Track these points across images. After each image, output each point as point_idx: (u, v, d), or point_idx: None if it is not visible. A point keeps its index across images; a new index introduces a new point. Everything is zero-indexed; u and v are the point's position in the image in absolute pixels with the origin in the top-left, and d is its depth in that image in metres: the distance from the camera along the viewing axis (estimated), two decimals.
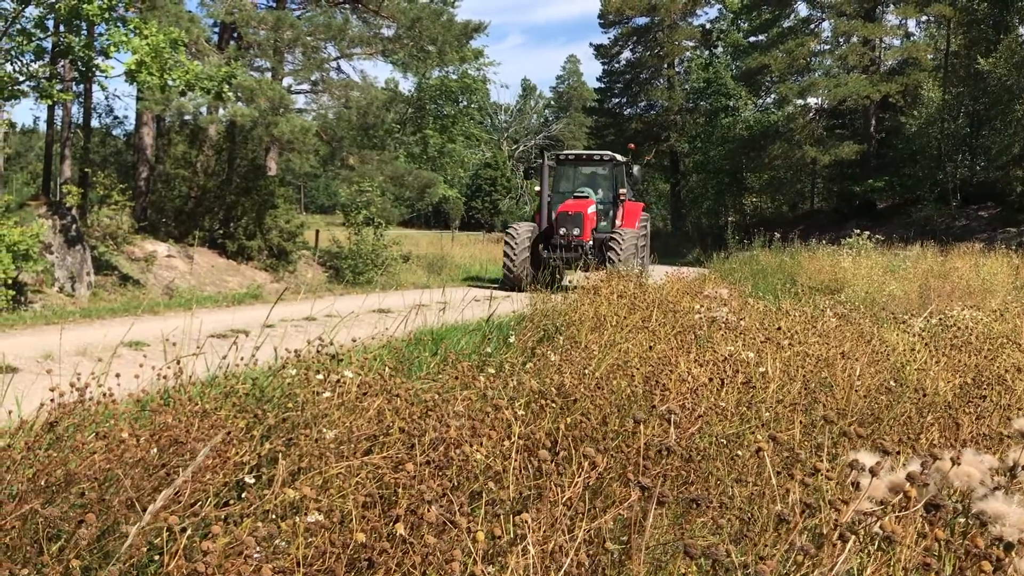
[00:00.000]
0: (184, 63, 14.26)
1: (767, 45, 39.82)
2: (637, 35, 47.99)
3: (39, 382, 4.47)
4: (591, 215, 19.65)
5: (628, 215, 20.99)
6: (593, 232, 19.56)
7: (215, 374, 4.40)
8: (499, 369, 4.56)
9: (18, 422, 3.10)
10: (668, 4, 45.00)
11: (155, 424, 3.08)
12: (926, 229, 29.89)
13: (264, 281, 18.94)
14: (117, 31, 13.85)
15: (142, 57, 13.48)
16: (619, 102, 50.76)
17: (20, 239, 11.83)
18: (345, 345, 4.97)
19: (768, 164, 40.36)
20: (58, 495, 2.66)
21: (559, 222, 19.59)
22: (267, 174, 22.10)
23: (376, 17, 23.15)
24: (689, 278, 12.46)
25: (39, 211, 14.27)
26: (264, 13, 20.94)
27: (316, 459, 3.17)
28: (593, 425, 3.25)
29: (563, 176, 22.21)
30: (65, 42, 14.38)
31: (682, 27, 46.60)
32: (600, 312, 6.43)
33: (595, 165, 21.94)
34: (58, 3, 13.61)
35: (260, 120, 18.54)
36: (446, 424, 3.20)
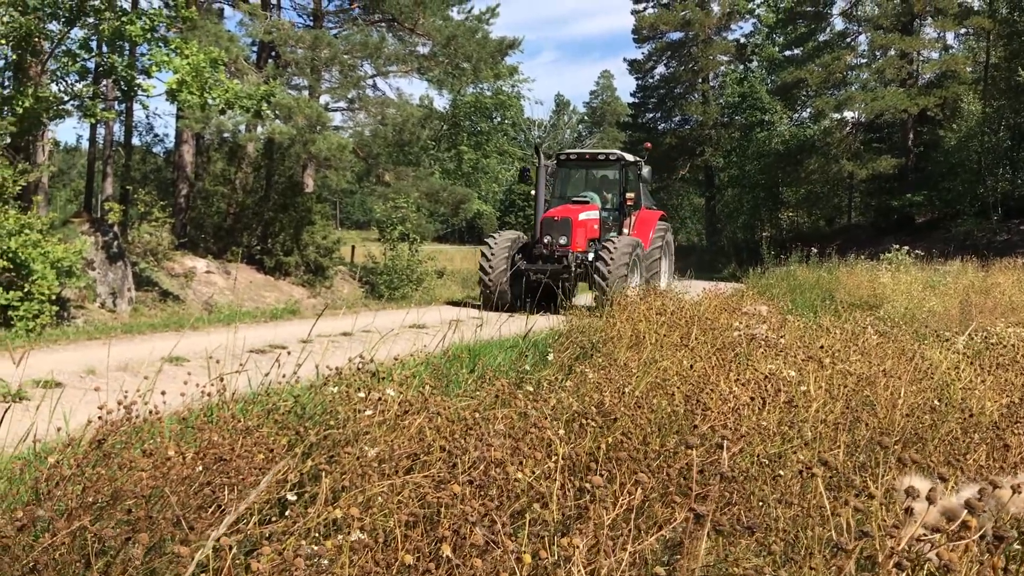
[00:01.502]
0: (224, 82, 14.48)
1: (803, 59, 39.58)
2: (671, 50, 47.91)
3: (84, 397, 4.54)
4: (584, 222, 17.10)
5: (641, 224, 18.56)
6: (591, 243, 17.04)
7: (257, 391, 4.44)
8: (537, 387, 4.56)
9: (66, 439, 3.14)
10: (702, 19, 44.91)
11: (200, 441, 3.12)
12: (966, 244, 29.44)
13: (301, 296, 19.10)
14: (159, 51, 14.11)
15: (183, 76, 13.71)
16: (653, 117, 50.66)
17: (64, 256, 12.03)
18: (384, 362, 4.99)
19: (804, 178, 40.04)
20: (106, 512, 2.70)
21: (543, 229, 16.93)
22: (304, 191, 22.35)
23: (412, 35, 23.35)
24: (726, 294, 12.36)
25: (82, 228, 14.52)
26: (302, 32, 21.21)
27: (358, 477, 3.18)
28: (634, 445, 3.23)
29: (565, 179, 19.62)
30: (108, 62, 14.67)
31: (716, 42, 46.45)
32: (638, 329, 6.40)
33: (601, 166, 19.44)
34: (102, 24, 13.90)
35: (298, 138, 18.77)
36: (487, 443, 3.20)
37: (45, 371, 7.68)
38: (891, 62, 36.35)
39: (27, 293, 11.48)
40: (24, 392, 7.01)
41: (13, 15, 12.58)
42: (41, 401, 3.59)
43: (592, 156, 19.39)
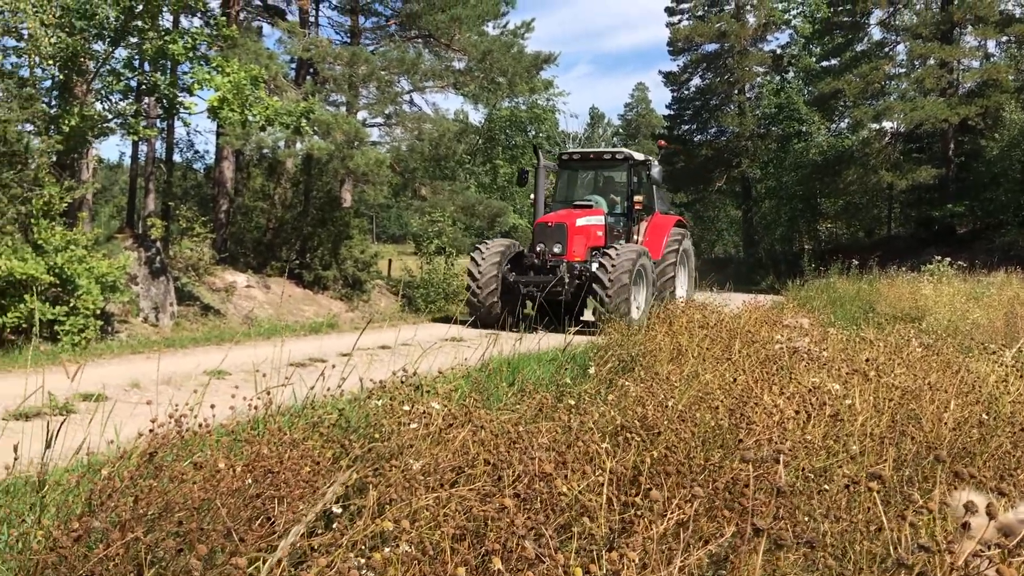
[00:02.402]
0: (264, 99, 14.69)
1: (840, 69, 39.23)
2: (707, 62, 47.73)
3: (130, 411, 4.61)
4: (583, 228, 15.44)
5: (653, 231, 16.87)
6: (593, 252, 15.43)
7: (301, 404, 4.48)
8: (578, 400, 4.56)
9: (118, 451, 3.20)
10: (738, 30, 44.71)
11: (248, 454, 3.16)
12: (1010, 254, 28.94)
13: (339, 310, 19.25)
14: (200, 69, 14.37)
15: (224, 94, 13.93)
16: (689, 129, 50.45)
17: (108, 271, 12.24)
18: (425, 375, 5.02)
19: (843, 189, 39.63)
20: (157, 524, 2.74)
21: (535, 236, 15.43)
22: (342, 205, 22.56)
23: (448, 51, 23.52)
24: (765, 306, 12.27)
25: (125, 243, 14.77)
26: (340, 49, 21.45)
27: (403, 490, 3.20)
28: (679, 459, 3.21)
29: (569, 181, 17.94)
30: (151, 81, 14.96)
31: (752, 53, 46.20)
32: (678, 342, 6.37)
33: (607, 167, 17.61)
34: (145, 44, 14.18)
35: (336, 153, 18.96)
36: (530, 456, 3.21)
37: (91, 385, 7.82)
38: (931, 71, 35.91)
39: (73, 308, 11.68)
40: (72, 405, 7.14)
41: (61, 36, 12.86)
42: (93, 415, 3.65)
43: (597, 156, 17.63)
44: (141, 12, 13.77)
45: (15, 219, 12.01)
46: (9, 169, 12.21)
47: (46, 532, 2.59)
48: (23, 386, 7.47)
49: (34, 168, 12.45)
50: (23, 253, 11.44)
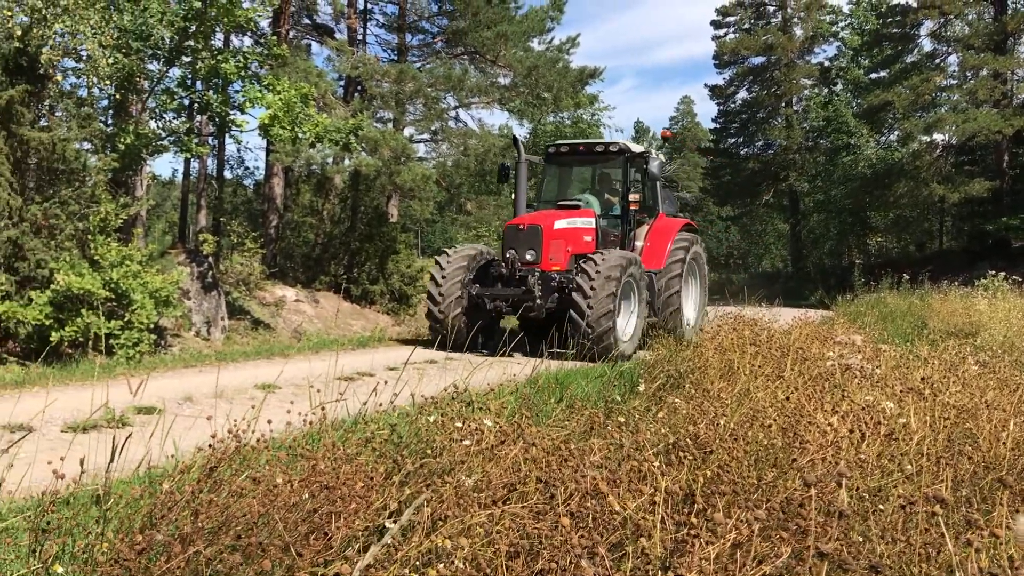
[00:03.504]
0: (313, 116, 14.93)
1: (890, 81, 38.73)
2: (753, 75, 47.44)
3: (184, 423, 4.70)
4: (562, 232, 13.13)
5: (656, 236, 14.42)
6: (575, 260, 12.99)
7: (353, 418, 4.54)
8: (628, 417, 4.55)
9: (177, 464, 3.27)
10: (785, 43, 44.39)
11: (304, 469, 3.20)
12: None
13: (386, 324, 19.42)
14: (252, 88, 14.65)
15: (275, 112, 14.18)
16: (735, 142, 50.14)
17: (162, 286, 12.47)
18: (474, 390, 5.05)
19: (893, 203, 39.03)
20: (218, 537, 2.79)
21: (505, 241, 13.27)
22: (389, 220, 22.79)
23: (493, 67, 23.70)
24: (815, 322, 12.12)
25: (178, 259, 15.06)
26: (387, 67, 21.72)
27: (455, 506, 3.23)
28: (733, 478, 3.20)
29: (558, 178, 15.68)
30: (204, 99, 15.27)
31: (800, 65, 45.81)
32: (727, 359, 6.33)
33: (600, 161, 15.13)
34: (198, 63, 14.49)
35: (383, 169, 19.18)
36: (583, 473, 3.22)
37: (145, 398, 7.96)
38: (984, 83, 35.29)
39: (128, 322, 11.92)
40: (127, 418, 7.29)
41: (118, 57, 13.19)
42: (154, 430, 3.74)
43: (588, 148, 15.01)
44: (195, 32, 14.10)
45: (73, 235, 12.30)
46: (67, 186, 12.53)
47: (110, 544, 2.65)
48: (81, 399, 7.64)
49: (91, 185, 12.75)
50: (80, 268, 11.71)
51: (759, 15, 47.07)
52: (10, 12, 11.94)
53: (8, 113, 11.80)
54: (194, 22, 13.98)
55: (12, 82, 12.02)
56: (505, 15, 23.63)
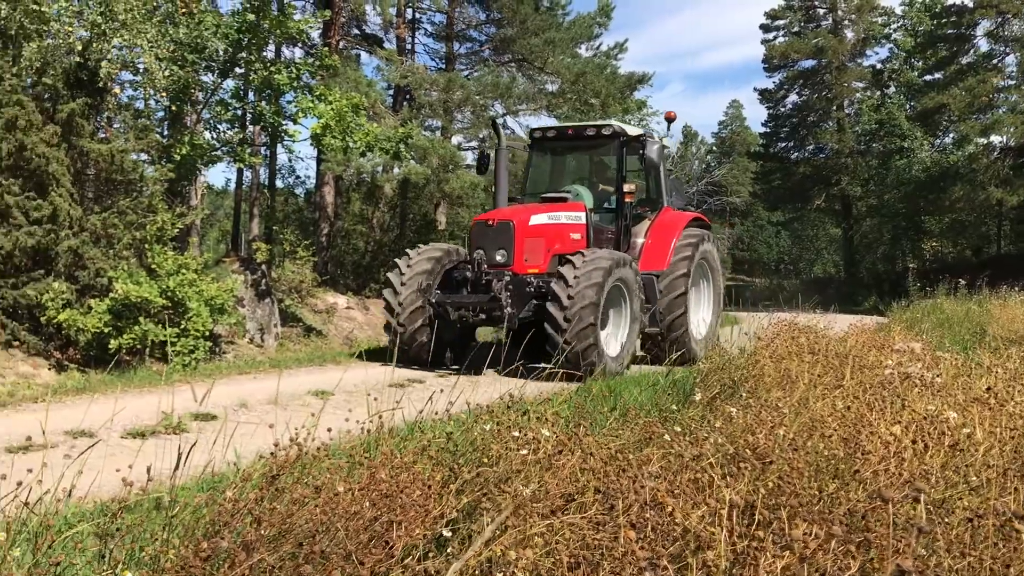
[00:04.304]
0: (364, 126, 15.09)
1: (945, 83, 37.98)
2: (803, 78, 46.86)
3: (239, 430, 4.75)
4: (538, 229, 11.41)
5: (658, 232, 12.69)
6: (558, 260, 11.19)
7: (409, 426, 4.57)
8: (685, 427, 4.51)
9: (240, 472, 3.32)
10: (836, 45, 43.77)
11: (363, 477, 3.22)
12: None
13: None
14: (304, 98, 14.86)
15: (327, 121, 14.36)
16: (785, 146, 49.54)
17: (217, 294, 12.68)
18: (529, 398, 5.06)
19: (948, 207, 38.25)
20: (280, 545, 2.83)
21: (472, 240, 11.51)
22: (437, 228, 22.93)
23: (541, 74, 23.74)
24: (871, 329, 11.90)
25: (232, 267, 15.31)
26: (436, 76, 21.87)
27: (513, 516, 3.22)
28: (795, 490, 3.15)
29: (546, 168, 13.69)
30: (256, 110, 15.53)
31: (851, 68, 45.14)
32: (786, 368, 6.25)
33: (592, 146, 13.20)
34: (252, 75, 14.74)
35: (432, 177, 19.31)
36: (641, 484, 3.19)
37: (200, 404, 8.09)
38: None
39: (184, 330, 12.14)
40: (184, 425, 7.41)
41: (173, 69, 13.47)
42: (216, 437, 3.79)
43: (578, 131, 13.05)
44: (248, 45, 14.34)
45: (131, 244, 12.57)
46: (125, 197, 12.83)
47: (177, 551, 2.70)
48: (139, 405, 7.80)
49: (148, 195, 13.04)
50: (138, 277, 11.96)
51: (809, 18, 46.49)
52: (71, 27, 12.25)
53: (69, 125, 12.11)
54: (248, 34, 14.23)
55: (73, 95, 12.34)
56: (553, 22, 23.67)
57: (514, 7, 22.71)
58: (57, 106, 12.20)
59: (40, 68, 12.31)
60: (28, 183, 11.55)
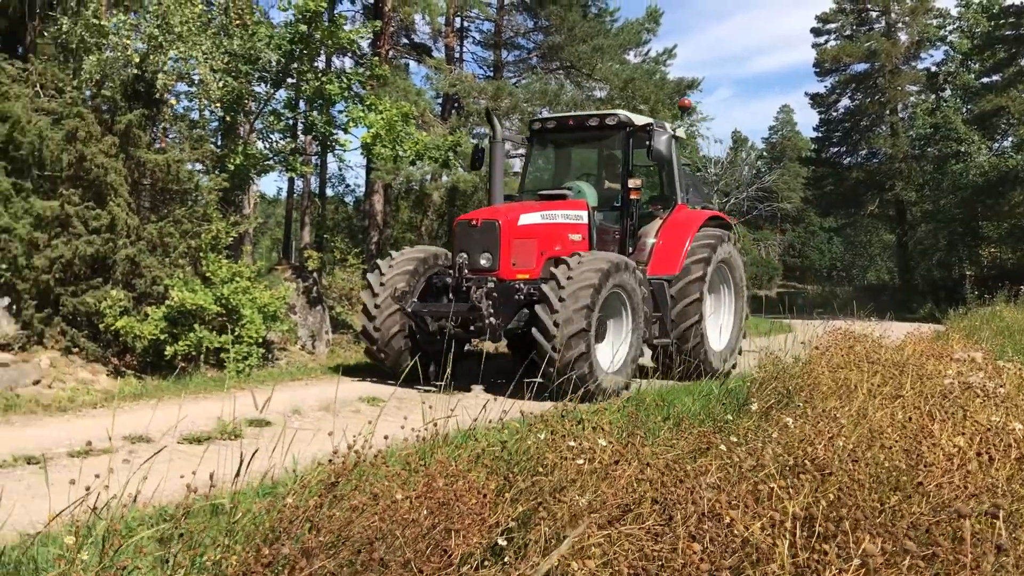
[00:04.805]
0: (413, 135, 15.20)
1: (1003, 85, 37.20)
2: (856, 82, 46.23)
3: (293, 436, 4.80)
4: (531, 230, 10.35)
5: (671, 233, 11.59)
6: (551, 265, 10.00)
7: (463, 434, 4.58)
8: (741, 437, 4.46)
9: (299, 479, 3.35)
10: (889, 49, 43.12)
11: (417, 484, 3.24)
12: None
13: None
14: (355, 108, 15.01)
15: (377, 130, 14.49)
16: (838, 151, 48.90)
17: (270, 301, 12.84)
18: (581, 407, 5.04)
19: (1008, 212, 37.38)
20: (339, 552, 2.85)
21: (456, 242, 10.54)
22: None
23: (589, 80, 23.71)
24: (928, 337, 11.65)
25: (284, 275, 15.49)
26: (484, 84, 21.96)
27: (569, 526, 3.21)
28: (857, 502, 3.09)
29: (543, 162, 13.01)
30: (308, 120, 15.73)
31: (905, 71, 44.42)
32: (845, 377, 6.14)
33: (596, 138, 12.14)
34: (304, 85, 14.94)
35: (480, 185, 19.35)
36: (699, 494, 3.16)
37: (253, 410, 8.18)
38: None
39: (237, 337, 12.31)
40: (239, 430, 7.51)
41: (227, 80, 13.70)
42: (275, 444, 3.84)
43: (579, 122, 11.89)
44: (300, 55, 14.53)
45: (186, 253, 12.79)
46: (181, 206, 13.06)
47: (239, 557, 2.73)
48: (195, 411, 7.92)
49: (203, 205, 13.26)
50: (193, 285, 12.16)
51: (861, 21, 45.88)
52: (129, 41, 12.53)
53: (127, 136, 12.37)
54: (300, 45, 14.42)
55: (130, 107, 12.61)
56: (601, 29, 23.64)
57: (562, 14, 22.72)
58: (115, 117, 12.47)
59: (99, 81, 12.59)
60: (87, 193, 11.81)
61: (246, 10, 14.52)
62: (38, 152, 11.49)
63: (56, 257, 11.12)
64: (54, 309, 11.34)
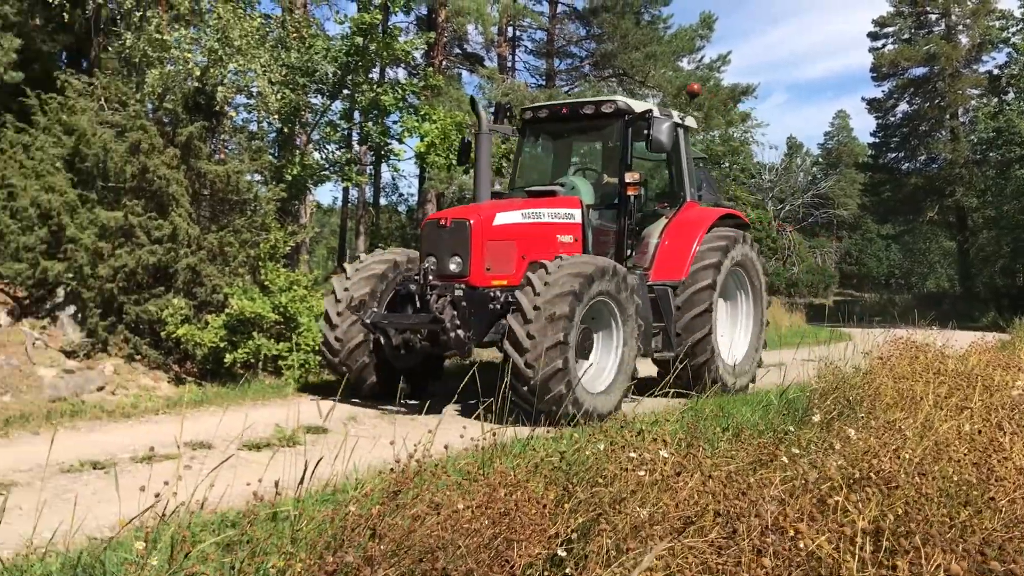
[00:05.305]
0: None
1: None
2: (914, 86, 45.34)
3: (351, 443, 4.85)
4: (507, 231, 9.11)
5: (677, 233, 10.51)
6: (533, 270, 8.51)
7: (521, 443, 4.58)
8: (804, 448, 4.39)
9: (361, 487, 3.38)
10: (949, 52, 42.22)
11: (476, 493, 3.24)
12: None
13: None
14: (409, 118, 15.17)
15: (432, 140, 14.62)
16: (896, 157, 47.98)
17: None
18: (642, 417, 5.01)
19: None
20: (401, 561, 2.86)
21: (423, 245, 9.33)
22: None
23: (642, 87, 23.62)
24: (993, 346, 11.35)
25: None
26: (536, 92, 22.00)
27: (630, 537, 3.19)
28: (927, 516, 3.03)
29: (535, 155, 12.00)
30: (363, 130, 15.93)
31: (965, 75, 43.42)
32: (910, 388, 6.02)
33: (592, 127, 10.91)
34: (359, 96, 15.13)
35: None
36: (763, 507, 3.12)
37: (313, 417, 8.27)
38: None
39: (295, 344, 12.47)
40: (297, 437, 7.60)
41: (285, 92, 13.94)
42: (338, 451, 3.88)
43: (573, 110, 10.63)
44: (356, 67, 14.72)
45: (245, 262, 13.00)
46: (240, 216, 13.28)
47: (303, 564, 2.76)
48: (254, 418, 8.03)
49: (261, 214, 13.47)
50: (252, 293, 12.34)
51: (920, 24, 45.00)
52: (190, 54, 12.81)
53: (188, 148, 12.63)
54: (356, 57, 14.61)
55: (191, 119, 12.88)
56: (654, 36, 23.56)
57: (615, 22, 22.69)
58: (177, 130, 12.74)
59: (161, 94, 12.90)
60: (150, 204, 12.08)
61: (303, 23, 14.77)
62: (103, 164, 11.79)
63: (120, 266, 11.38)
64: (118, 317, 11.60)
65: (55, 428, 7.41)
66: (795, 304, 35.24)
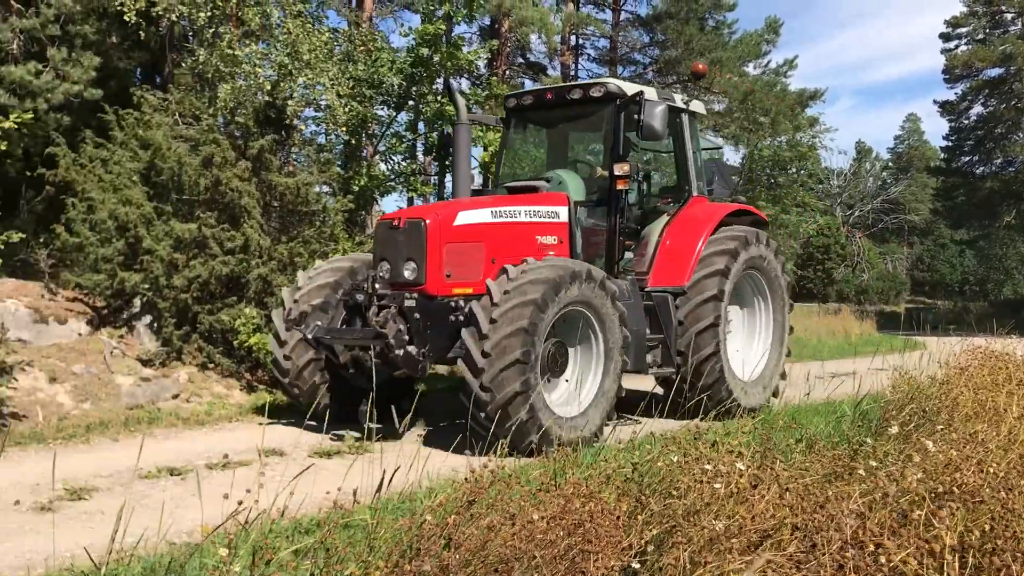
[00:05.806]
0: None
1: None
2: (989, 87, 44.09)
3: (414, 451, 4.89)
4: (471, 231, 8.00)
5: (679, 232, 9.40)
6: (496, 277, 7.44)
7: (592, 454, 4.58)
8: (881, 461, 4.30)
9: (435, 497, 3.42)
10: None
11: (554, 505, 3.25)
12: None
13: None
14: (474, 127, 15.25)
15: (495, 150, 14.68)
16: (970, 160, 46.71)
17: None
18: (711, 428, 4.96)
19: None
20: (475, 570, 2.88)
21: (376, 249, 8.26)
22: None
23: (707, 94, 23.41)
24: None
25: None
26: None
27: (705, 550, 3.16)
28: (1016, 532, 2.94)
29: (520, 147, 11.18)
30: (428, 141, 16.07)
31: None
32: (988, 399, 5.85)
33: (581, 115, 9.78)
34: (424, 107, 15.28)
35: None
36: (842, 520, 3.06)
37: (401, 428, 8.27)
38: None
39: None
40: (367, 446, 7.68)
41: (353, 104, 14.14)
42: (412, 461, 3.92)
43: (560, 95, 9.53)
44: (421, 78, 14.87)
45: None
46: (309, 227, 13.49)
47: (381, 572, 2.80)
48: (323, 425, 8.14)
49: (330, 225, 13.67)
50: None
51: (995, 24, 43.78)
52: (260, 69, 13.09)
53: (259, 161, 12.88)
54: (420, 68, 14.76)
55: (262, 132, 13.14)
56: (719, 41, 23.38)
57: (679, 28, 22.56)
58: (248, 143, 13.00)
59: (233, 108, 13.19)
60: (223, 215, 12.34)
61: (369, 37, 14.97)
62: (177, 177, 12.08)
63: (194, 277, 11.63)
64: (192, 326, 11.86)
65: (142, 436, 7.59)
66: (865, 312, 34.48)
